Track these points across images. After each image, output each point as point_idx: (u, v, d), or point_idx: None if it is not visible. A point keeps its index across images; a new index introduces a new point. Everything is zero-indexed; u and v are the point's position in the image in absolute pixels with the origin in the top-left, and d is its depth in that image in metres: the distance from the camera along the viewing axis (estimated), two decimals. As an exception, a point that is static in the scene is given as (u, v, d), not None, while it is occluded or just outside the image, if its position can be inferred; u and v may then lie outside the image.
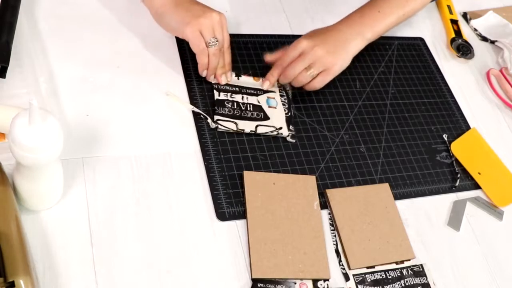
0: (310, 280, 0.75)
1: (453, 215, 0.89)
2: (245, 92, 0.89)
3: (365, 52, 1.04)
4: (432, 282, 0.80)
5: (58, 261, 0.68)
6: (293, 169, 0.85)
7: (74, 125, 0.78)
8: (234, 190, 0.80)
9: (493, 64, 1.15)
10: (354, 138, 0.92)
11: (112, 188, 0.75)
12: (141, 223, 0.73)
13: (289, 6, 1.06)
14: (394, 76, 1.04)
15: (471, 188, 0.94)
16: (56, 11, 0.88)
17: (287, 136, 0.88)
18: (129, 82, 0.85)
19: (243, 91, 0.89)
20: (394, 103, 1.00)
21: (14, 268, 0.59)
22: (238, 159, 0.83)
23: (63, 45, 0.85)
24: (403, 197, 0.88)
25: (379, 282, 0.78)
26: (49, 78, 0.81)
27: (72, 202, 0.72)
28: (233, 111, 0.86)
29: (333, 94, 0.96)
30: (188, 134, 0.83)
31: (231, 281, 0.73)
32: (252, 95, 0.90)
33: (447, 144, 0.98)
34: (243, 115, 0.87)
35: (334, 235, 0.81)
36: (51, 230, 0.69)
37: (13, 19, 0.82)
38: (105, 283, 0.68)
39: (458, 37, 1.14)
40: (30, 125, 0.59)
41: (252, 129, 0.86)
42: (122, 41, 0.89)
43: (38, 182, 0.67)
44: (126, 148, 0.79)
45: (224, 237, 0.76)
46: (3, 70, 0.77)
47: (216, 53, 0.84)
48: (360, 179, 0.88)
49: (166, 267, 0.71)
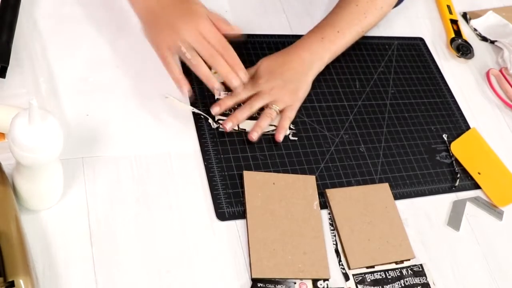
0: (310, 280, 0.75)
1: (453, 215, 0.89)
2: None
3: (365, 52, 1.04)
4: (432, 282, 0.80)
5: (58, 261, 0.68)
6: (293, 169, 0.85)
7: (74, 125, 0.78)
8: (234, 190, 0.80)
9: (493, 64, 1.15)
10: (354, 138, 0.92)
11: (112, 188, 0.75)
12: (141, 223, 0.73)
13: (289, 6, 1.06)
14: (394, 76, 1.04)
15: (471, 188, 0.94)
16: (56, 11, 0.89)
17: (288, 134, 0.88)
18: (129, 82, 0.85)
19: None
20: (394, 103, 1.00)
21: (14, 268, 0.59)
22: (238, 159, 0.83)
23: (63, 45, 0.85)
24: (403, 197, 0.88)
25: (379, 282, 0.78)
26: (49, 78, 0.81)
27: (72, 202, 0.72)
28: (234, 110, 0.86)
29: (333, 94, 0.96)
30: (188, 134, 0.83)
31: (231, 281, 0.73)
32: None
33: (447, 144, 0.98)
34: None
35: (334, 235, 0.81)
36: (51, 230, 0.69)
37: (13, 19, 0.82)
38: (105, 283, 0.68)
39: (458, 37, 1.14)
40: (30, 125, 0.59)
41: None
42: (122, 41, 0.89)
43: (38, 182, 0.67)
44: (126, 148, 0.79)
45: (224, 237, 0.76)
46: (3, 70, 0.78)
47: (198, 63, 0.76)
48: (360, 179, 0.88)
49: (166, 267, 0.71)
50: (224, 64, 0.77)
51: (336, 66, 1.00)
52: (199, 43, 0.75)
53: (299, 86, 0.88)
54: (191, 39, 0.75)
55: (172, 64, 0.77)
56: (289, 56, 0.88)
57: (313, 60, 0.89)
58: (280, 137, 0.85)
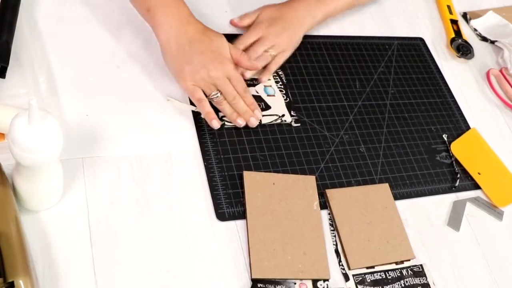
0: (309, 280, 0.75)
1: (453, 215, 0.89)
2: None
3: (365, 52, 1.04)
4: (432, 282, 0.80)
5: (58, 261, 0.68)
6: (293, 169, 0.85)
7: (74, 125, 0.78)
8: (234, 190, 0.80)
9: (493, 64, 1.15)
10: (354, 138, 0.92)
11: (112, 188, 0.75)
12: (141, 223, 0.73)
13: (289, 6, 1.06)
14: (394, 76, 1.04)
15: (471, 188, 0.94)
16: (56, 11, 0.88)
17: (291, 121, 0.89)
18: (129, 82, 0.85)
19: None
20: (394, 103, 1.00)
21: (14, 269, 0.59)
22: (238, 159, 0.83)
23: (63, 45, 0.85)
24: (403, 197, 0.88)
25: (379, 282, 0.78)
26: (48, 78, 0.81)
27: (72, 202, 0.72)
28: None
29: (333, 94, 0.96)
30: (188, 134, 0.83)
31: (231, 281, 0.73)
32: (250, 86, 0.90)
33: (447, 144, 0.98)
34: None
35: (334, 235, 0.81)
36: (51, 230, 0.69)
37: (13, 18, 0.82)
38: (105, 283, 0.68)
39: (458, 37, 1.14)
40: (30, 125, 0.59)
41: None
42: (122, 41, 0.89)
43: (38, 182, 0.67)
44: (126, 148, 0.79)
45: (224, 237, 0.76)
46: (3, 70, 0.77)
47: (222, 102, 0.84)
48: (360, 179, 0.88)
49: (166, 267, 0.71)
50: (243, 105, 0.85)
51: (336, 66, 1.00)
52: (225, 86, 0.83)
53: (293, 35, 0.96)
54: (219, 82, 0.83)
55: (205, 101, 0.83)
56: (287, 9, 0.97)
57: (306, 16, 0.98)
58: (263, 79, 0.92)
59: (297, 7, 0.97)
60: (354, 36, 1.06)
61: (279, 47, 0.94)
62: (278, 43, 0.94)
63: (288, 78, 0.95)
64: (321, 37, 1.03)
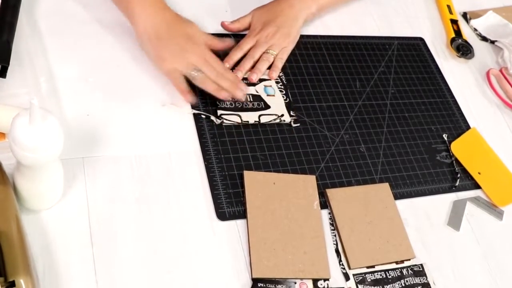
0: (310, 280, 0.75)
1: (453, 215, 0.89)
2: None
3: (365, 52, 1.04)
4: (432, 281, 0.81)
5: (58, 261, 0.68)
6: (293, 169, 0.85)
7: (74, 125, 0.78)
8: (234, 189, 0.80)
9: (493, 64, 1.15)
10: (354, 138, 0.92)
11: (112, 188, 0.75)
12: (141, 223, 0.73)
13: (289, 6, 1.06)
14: (394, 76, 1.04)
15: (471, 188, 0.94)
16: (56, 11, 0.88)
17: (290, 121, 0.89)
18: (130, 81, 0.85)
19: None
20: (394, 103, 1.00)
21: (15, 268, 0.59)
22: (238, 159, 0.83)
23: (63, 45, 0.85)
24: (403, 197, 0.88)
25: (379, 281, 0.78)
26: (49, 78, 0.81)
27: (72, 202, 0.72)
28: (235, 103, 0.87)
29: (333, 94, 0.96)
30: (188, 134, 0.83)
31: (231, 281, 0.73)
32: (250, 85, 0.90)
33: (447, 144, 0.98)
34: (244, 107, 0.87)
35: (334, 234, 0.81)
36: (51, 230, 0.69)
37: (14, 18, 0.82)
38: (105, 283, 0.68)
39: (458, 37, 1.14)
40: (31, 124, 0.59)
41: (256, 119, 0.87)
42: (122, 40, 0.89)
43: (38, 182, 0.67)
44: (126, 148, 0.79)
45: (224, 237, 0.76)
46: (3, 70, 0.77)
47: (205, 80, 0.85)
48: (360, 179, 0.88)
49: (166, 267, 0.71)
50: (226, 81, 0.86)
51: (336, 66, 1.00)
52: (205, 66, 0.85)
53: (290, 30, 0.96)
54: (199, 64, 0.85)
55: (180, 80, 0.85)
56: (280, 6, 0.98)
57: (301, 8, 0.98)
58: (273, 75, 0.93)
59: (290, 1, 0.98)
60: (354, 36, 1.06)
61: (278, 46, 0.94)
62: (275, 43, 0.94)
63: (288, 78, 0.95)
64: (321, 37, 1.03)
